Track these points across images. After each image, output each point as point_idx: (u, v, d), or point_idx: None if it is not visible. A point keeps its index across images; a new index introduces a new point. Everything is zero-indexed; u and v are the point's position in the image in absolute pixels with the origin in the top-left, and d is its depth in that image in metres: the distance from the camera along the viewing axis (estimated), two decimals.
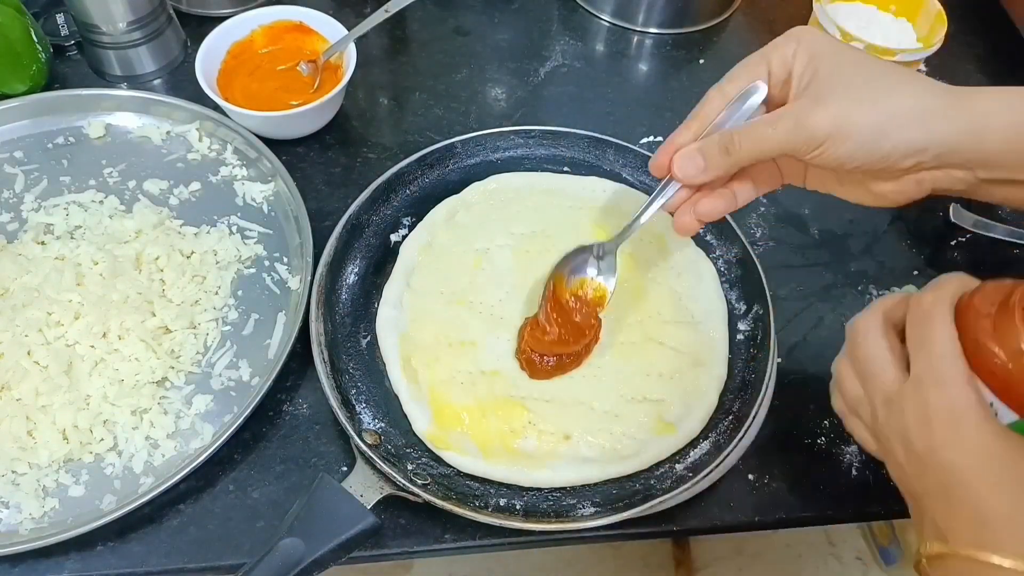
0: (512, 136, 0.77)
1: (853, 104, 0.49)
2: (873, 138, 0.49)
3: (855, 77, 0.50)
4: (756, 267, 0.68)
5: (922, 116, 0.48)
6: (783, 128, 0.51)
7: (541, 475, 0.60)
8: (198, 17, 0.91)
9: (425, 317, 0.67)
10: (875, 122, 0.49)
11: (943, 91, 0.49)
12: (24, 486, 0.59)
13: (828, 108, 0.49)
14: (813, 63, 0.51)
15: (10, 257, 0.69)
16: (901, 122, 0.48)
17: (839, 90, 0.49)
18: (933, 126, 0.48)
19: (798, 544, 1.53)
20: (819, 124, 0.49)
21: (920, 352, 0.46)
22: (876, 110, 0.49)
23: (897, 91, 0.49)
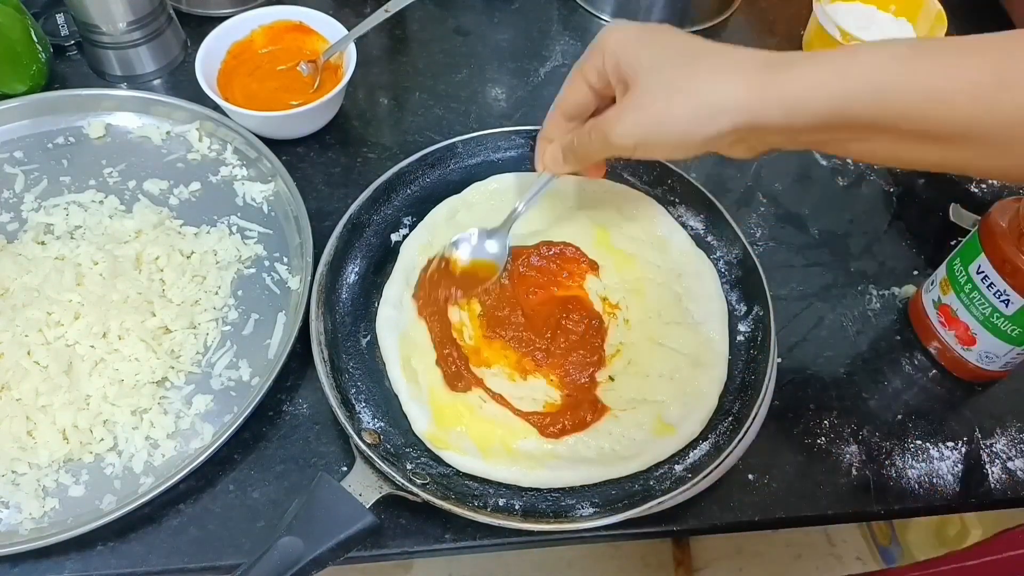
0: (514, 136, 0.77)
1: (656, 111, 0.50)
2: (680, 138, 0.51)
3: (658, 76, 0.51)
4: (756, 267, 0.68)
5: (730, 107, 0.48)
6: (597, 139, 0.55)
7: (540, 475, 0.60)
8: (198, 17, 0.91)
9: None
10: (679, 126, 0.50)
11: (754, 72, 0.48)
12: (24, 486, 0.59)
13: (630, 119, 0.51)
14: (619, 70, 0.53)
15: (10, 257, 0.69)
16: (706, 118, 0.49)
17: (642, 98, 0.51)
18: (740, 116, 0.48)
19: (798, 544, 1.53)
20: (623, 137, 0.52)
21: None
22: (680, 112, 0.50)
23: (703, 83, 0.49)
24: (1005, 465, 0.67)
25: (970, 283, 0.65)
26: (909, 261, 0.79)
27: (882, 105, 0.46)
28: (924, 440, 0.68)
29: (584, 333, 0.66)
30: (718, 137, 0.50)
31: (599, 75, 0.55)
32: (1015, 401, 0.70)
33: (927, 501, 0.65)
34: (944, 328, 0.70)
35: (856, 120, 0.47)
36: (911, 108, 0.45)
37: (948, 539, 1.36)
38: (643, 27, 0.55)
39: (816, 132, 0.48)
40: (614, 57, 0.53)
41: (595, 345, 0.66)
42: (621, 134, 0.52)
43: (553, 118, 0.62)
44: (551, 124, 0.62)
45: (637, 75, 0.51)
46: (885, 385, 0.71)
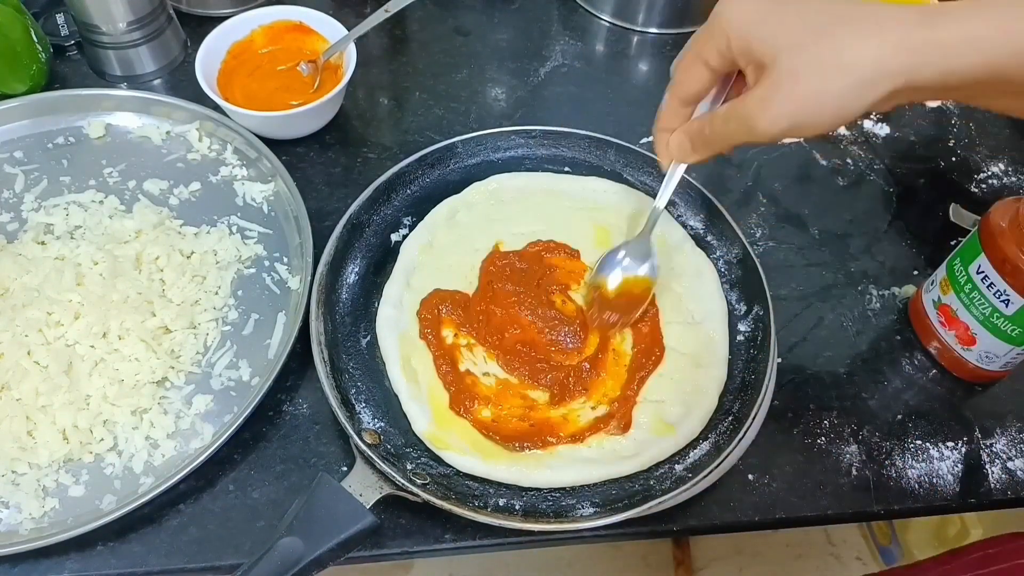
0: (513, 136, 0.77)
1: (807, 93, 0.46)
2: (835, 115, 0.47)
3: (801, 55, 0.46)
4: (756, 267, 0.68)
5: (886, 74, 0.45)
6: (739, 129, 0.50)
7: (541, 475, 0.60)
8: (198, 17, 0.91)
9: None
10: (834, 103, 0.46)
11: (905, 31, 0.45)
12: (24, 486, 0.59)
13: (778, 106, 0.47)
14: (750, 51, 0.48)
15: (10, 257, 0.69)
16: (862, 89, 0.46)
17: (788, 81, 0.47)
18: (897, 81, 0.45)
19: (798, 544, 1.53)
20: (773, 125, 0.48)
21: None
22: (834, 89, 0.46)
23: (853, 54, 0.45)
24: (1005, 465, 0.67)
25: (970, 283, 0.65)
26: (909, 261, 0.79)
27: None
28: (924, 440, 0.68)
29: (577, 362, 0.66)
30: (874, 104, 0.46)
31: (722, 57, 0.50)
32: (1015, 401, 0.70)
33: (927, 501, 0.65)
34: (944, 328, 0.70)
35: (1012, 78, 0.44)
36: None
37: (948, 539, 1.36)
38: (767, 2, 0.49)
39: (970, 88, 0.46)
40: (743, 37, 0.48)
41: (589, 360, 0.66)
42: (771, 122, 0.47)
43: (670, 106, 0.56)
44: (668, 112, 0.57)
45: (776, 55, 0.46)
46: (885, 385, 0.71)
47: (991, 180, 0.86)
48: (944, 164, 0.87)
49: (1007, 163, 0.87)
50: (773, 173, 0.84)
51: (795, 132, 0.48)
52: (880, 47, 0.45)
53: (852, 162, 0.86)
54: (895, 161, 0.87)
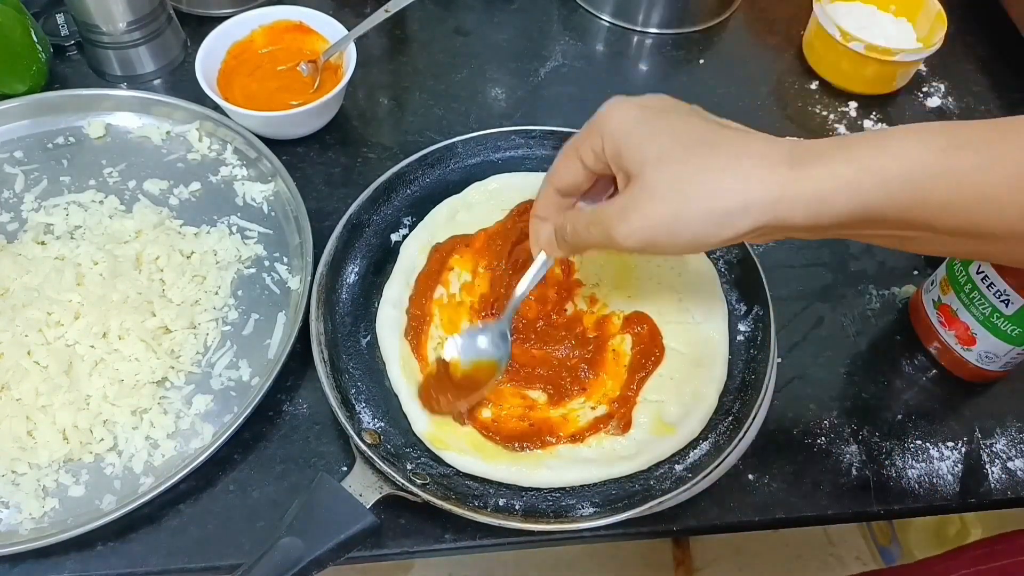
0: (513, 136, 0.77)
1: (664, 214, 0.46)
2: (692, 241, 0.46)
3: (665, 173, 0.46)
4: (756, 267, 0.68)
5: (748, 209, 0.44)
6: (598, 234, 0.50)
7: (541, 475, 0.60)
8: (198, 17, 0.91)
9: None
10: (691, 229, 0.46)
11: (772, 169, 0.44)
12: (24, 486, 0.59)
13: (636, 221, 0.46)
14: (620, 159, 0.48)
15: (10, 257, 0.69)
16: (721, 221, 0.45)
17: (648, 199, 0.46)
18: (760, 218, 0.44)
19: (798, 544, 1.53)
20: (628, 239, 0.47)
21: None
22: (691, 216, 0.45)
23: (716, 184, 0.45)
24: (1005, 465, 0.67)
25: (970, 283, 0.65)
26: (909, 261, 0.79)
27: (917, 203, 0.42)
28: (924, 440, 0.68)
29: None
30: (735, 238, 0.46)
31: (596, 158, 0.50)
32: (1015, 401, 0.70)
33: (927, 501, 0.65)
34: (944, 328, 0.70)
35: (888, 218, 0.44)
36: (949, 205, 0.42)
37: (948, 539, 1.36)
38: (646, 107, 0.49)
39: (842, 228, 0.45)
40: (615, 144, 0.48)
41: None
42: (626, 236, 0.47)
43: (546, 194, 0.56)
44: (544, 200, 0.56)
45: (642, 168, 0.46)
46: (885, 385, 0.71)
47: None
48: None
49: None
50: None
51: (650, 250, 0.48)
52: (743, 182, 0.44)
53: None
54: None
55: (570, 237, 0.53)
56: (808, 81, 0.93)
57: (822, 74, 0.92)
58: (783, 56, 0.96)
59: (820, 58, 0.92)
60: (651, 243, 0.47)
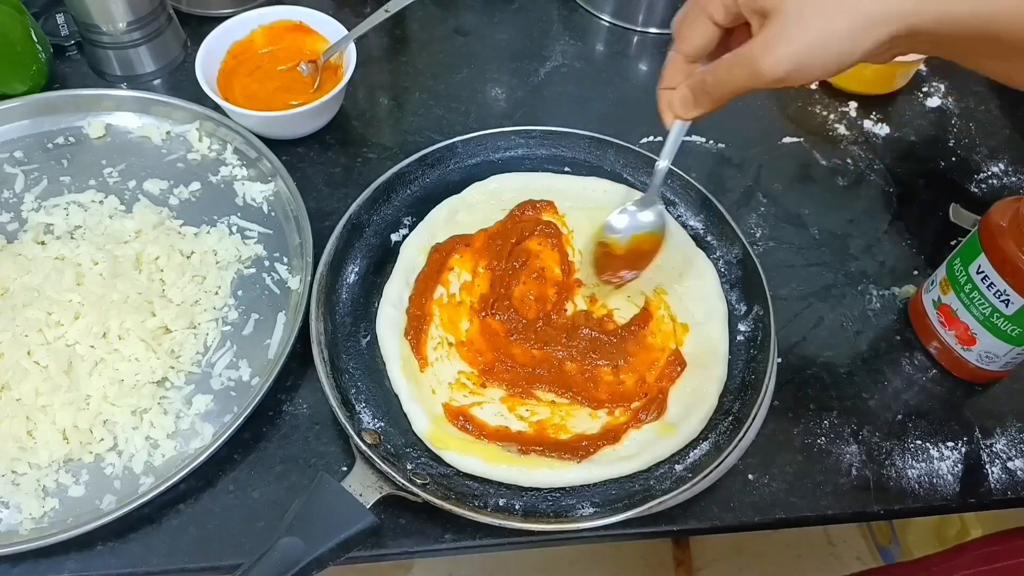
0: (513, 136, 0.77)
1: (812, 35, 0.47)
2: (838, 57, 0.48)
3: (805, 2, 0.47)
4: (756, 267, 0.68)
5: (888, 18, 0.46)
6: (743, 73, 0.50)
7: (541, 475, 0.60)
8: (198, 17, 0.91)
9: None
10: (838, 45, 0.47)
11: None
12: (24, 486, 0.59)
13: (784, 48, 0.47)
14: (755, 1, 0.49)
15: (10, 257, 0.69)
16: (865, 32, 0.46)
17: (793, 24, 0.47)
18: (898, 25, 0.46)
19: (798, 544, 1.53)
20: (779, 66, 0.48)
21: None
22: (839, 30, 0.46)
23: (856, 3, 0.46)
24: (1005, 465, 0.67)
25: (970, 283, 0.65)
26: (909, 261, 0.79)
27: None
28: (924, 440, 0.68)
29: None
30: (875, 49, 0.47)
31: (727, 10, 0.51)
32: (1015, 401, 0.70)
33: (927, 501, 0.65)
34: (944, 328, 0.70)
35: (1001, 35, 0.45)
36: None
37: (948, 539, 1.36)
38: None
39: (963, 42, 0.47)
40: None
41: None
42: (776, 63, 0.48)
43: (674, 63, 0.56)
44: (672, 70, 0.57)
45: (783, 2, 0.47)
46: (885, 385, 0.71)
47: (991, 180, 0.86)
48: (944, 164, 0.87)
49: (1007, 163, 0.87)
50: (773, 173, 0.84)
51: (798, 74, 0.49)
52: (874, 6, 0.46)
53: (852, 162, 0.86)
54: (895, 161, 0.87)
55: (712, 86, 0.53)
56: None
57: None
58: None
59: None
60: (800, 67, 0.48)
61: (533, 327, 0.67)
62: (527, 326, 0.66)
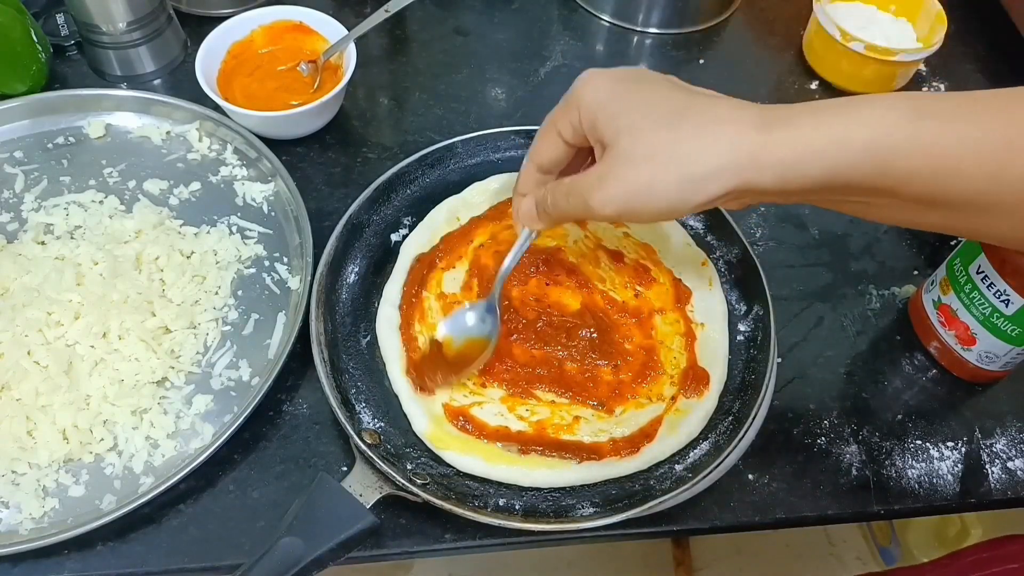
0: (513, 136, 0.77)
1: (638, 181, 0.47)
2: (668, 207, 0.48)
3: (639, 141, 0.47)
4: (756, 267, 0.68)
5: (720, 174, 0.46)
6: (576, 204, 0.51)
7: (541, 475, 0.60)
8: (198, 17, 0.91)
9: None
10: (666, 195, 0.47)
11: (743, 134, 0.45)
12: (24, 486, 0.59)
13: (611, 189, 0.48)
14: (595, 130, 0.49)
15: (10, 257, 0.69)
16: (694, 186, 0.46)
17: (623, 166, 0.47)
18: (731, 182, 0.46)
19: (798, 544, 1.53)
20: (605, 207, 0.49)
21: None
22: (665, 182, 0.46)
23: (689, 149, 0.46)
24: (1005, 465, 0.67)
25: (970, 283, 0.65)
26: (909, 261, 0.79)
27: (883, 171, 0.43)
28: (924, 440, 0.68)
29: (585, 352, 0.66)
30: (708, 202, 0.47)
31: (574, 131, 0.52)
32: (1015, 401, 0.70)
33: (927, 501, 0.65)
34: (944, 328, 0.70)
35: (854, 185, 0.45)
36: (914, 174, 0.43)
37: (948, 539, 1.36)
38: (619, 78, 0.50)
39: (812, 194, 0.47)
40: (590, 115, 0.49)
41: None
42: (603, 203, 0.49)
43: (527, 171, 0.57)
44: (525, 177, 0.58)
45: (617, 138, 0.48)
46: (885, 385, 0.71)
47: None
48: None
49: None
50: None
51: (627, 216, 0.49)
52: (714, 146, 0.45)
53: None
54: None
55: (551, 208, 0.54)
56: (808, 81, 0.93)
57: (822, 74, 0.92)
58: (783, 56, 0.96)
59: (820, 58, 0.92)
60: (627, 209, 0.48)
61: (533, 327, 0.67)
62: (527, 326, 0.66)
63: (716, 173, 0.46)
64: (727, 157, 0.45)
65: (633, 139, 0.47)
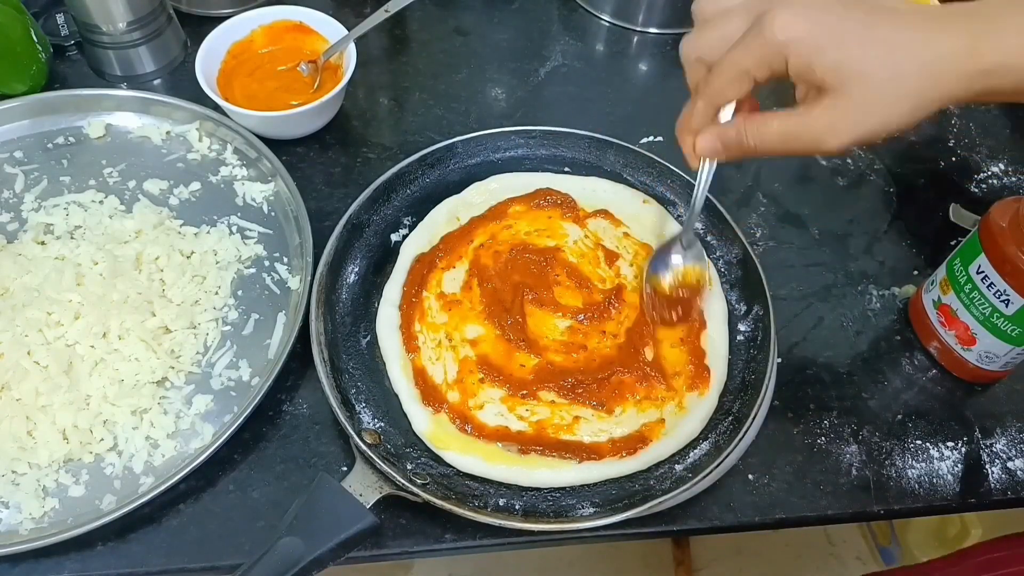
0: (513, 136, 0.77)
1: (875, 117, 0.49)
2: (895, 131, 0.50)
3: (867, 83, 0.49)
4: (756, 267, 0.68)
5: (933, 102, 0.49)
6: (799, 145, 0.52)
7: (541, 475, 0.60)
8: (198, 17, 0.91)
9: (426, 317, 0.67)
10: (896, 124, 0.50)
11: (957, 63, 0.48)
12: (24, 486, 0.59)
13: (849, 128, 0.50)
14: (812, 75, 0.49)
15: (10, 257, 0.69)
16: (922, 110, 0.49)
17: (856, 106, 0.49)
18: (947, 101, 0.49)
19: (798, 544, 1.53)
20: (842, 144, 0.51)
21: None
22: (898, 113, 0.49)
23: (908, 85, 0.48)
24: (1005, 465, 0.67)
25: (970, 283, 0.65)
26: (909, 261, 0.79)
27: None
28: (924, 440, 0.68)
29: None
30: (925, 118, 0.50)
31: (772, 73, 0.51)
32: (1015, 401, 0.70)
33: (927, 501, 0.65)
34: (944, 328, 0.70)
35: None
36: None
37: (948, 539, 1.36)
38: (818, 15, 0.49)
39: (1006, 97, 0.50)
40: (804, 62, 0.49)
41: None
42: (840, 144, 0.51)
43: (703, 109, 0.56)
44: (699, 115, 0.56)
45: (844, 83, 0.49)
46: (885, 385, 0.71)
47: (991, 180, 0.86)
48: (944, 164, 0.87)
49: (1007, 163, 0.87)
50: (773, 173, 0.84)
51: (855, 146, 0.52)
52: (940, 76, 0.48)
53: (852, 162, 0.86)
54: (895, 161, 0.87)
55: (755, 144, 0.54)
56: None
57: None
58: None
59: None
60: (859, 142, 0.51)
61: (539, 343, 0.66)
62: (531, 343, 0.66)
63: (939, 99, 0.49)
64: (947, 85, 0.48)
65: (865, 87, 0.49)
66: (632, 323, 0.67)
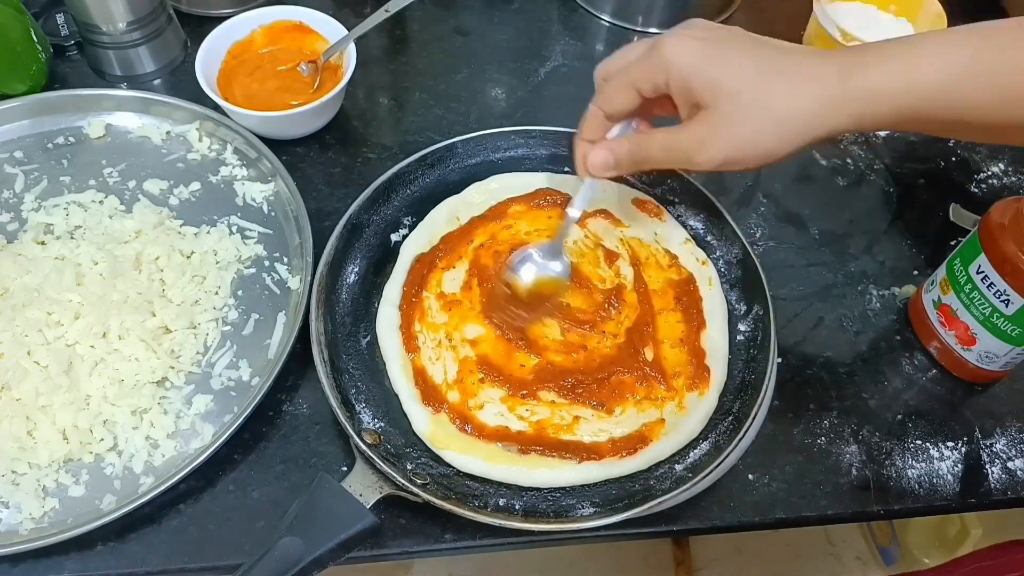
0: (513, 136, 0.77)
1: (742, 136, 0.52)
2: (764, 157, 0.53)
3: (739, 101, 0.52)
4: (756, 267, 0.68)
5: (811, 125, 0.51)
6: (674, 160, 0.56)
7: (541, 475, 0.60)
8: (198, 17, 0.91)
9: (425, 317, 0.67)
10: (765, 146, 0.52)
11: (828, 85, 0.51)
12: (24, 486, 0.59)
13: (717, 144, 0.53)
14: (690, 92, 0.53)
15: (10, 257, 0.69)
16: (791, 136, 0.52)
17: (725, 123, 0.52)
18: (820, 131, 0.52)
19: (798, 544, 1.53)
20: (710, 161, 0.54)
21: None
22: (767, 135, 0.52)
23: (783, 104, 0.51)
24: (1005, 465, 0.67)
25: (970, 283, 0.65)
26: (909, 261, 0.79)
27: (950, 105, 0.49)
28: (924, 440, 0.68)
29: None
30: (799, 148, 0.53)
31: (655, 89, 0.55)
32: (1015, 401, 0.70)
33: (927, 501, 0.65)
34: (944, 328, 0.70)
35: (923, 118, 0.50)
36: (980, 105, 0.48)
37: (948, 539, 1.36)
38: (706, 41, 0.54)
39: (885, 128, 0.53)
40: (683, 78, 0.53)
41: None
42: (709, 160, 0.54)
43: (594, 119, 0.61)
44: (591, 126, 0.61)
45: (716, 100, 0.52)
46: (885, 385, 0.71)
47: (991, 180, 0.86)
48: (944, 164, 0.87)
49: (1007, 163, 0.87)
50: (773, 173, 0.84)
51: (726, 168, 0.54)
52: (808, 100, 0.51)
53: (852, 162, 0.86)
54: (895, 161, 0.87)
55: (639, 159, 0.59)
56: None
57: None
58: None
59: None
60: (729, 161, 0.54)
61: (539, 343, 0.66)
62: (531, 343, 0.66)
63: (808, 124, 0.52)
64: (815, 109, 0.51)
65: (734, 104, 0.52)
66: (632, 323, 0.67)
